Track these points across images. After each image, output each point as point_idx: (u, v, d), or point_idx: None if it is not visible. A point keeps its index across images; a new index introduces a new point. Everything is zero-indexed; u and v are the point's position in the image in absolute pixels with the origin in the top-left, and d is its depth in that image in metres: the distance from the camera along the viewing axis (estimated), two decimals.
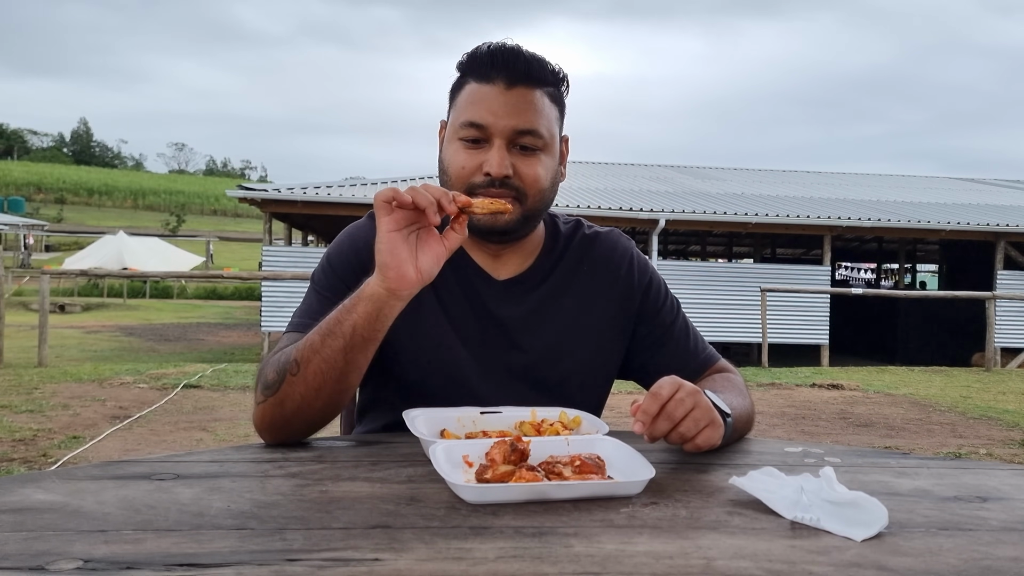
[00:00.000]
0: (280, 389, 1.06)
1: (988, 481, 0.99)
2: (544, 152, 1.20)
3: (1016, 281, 13.55)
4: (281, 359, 1.08)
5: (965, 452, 5.27)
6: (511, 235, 1.24)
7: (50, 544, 0.69)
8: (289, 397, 1.06)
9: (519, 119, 1.16)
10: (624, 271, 1.33)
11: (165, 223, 52.77)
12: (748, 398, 1.24)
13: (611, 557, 0.69)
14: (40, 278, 9.28)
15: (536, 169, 1.19)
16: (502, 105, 1.16)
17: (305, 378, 1.05)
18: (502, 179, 1.16)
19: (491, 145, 1.17)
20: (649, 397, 0.97)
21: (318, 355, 1.04)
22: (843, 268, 28.42)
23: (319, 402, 1.07)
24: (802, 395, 7.86)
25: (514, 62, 1.17)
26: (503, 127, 1.16)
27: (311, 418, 1.09)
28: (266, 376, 1.09)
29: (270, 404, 1.08)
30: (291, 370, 1.05)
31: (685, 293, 12.22)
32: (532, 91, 1.18)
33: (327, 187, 13.19)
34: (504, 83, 1.16)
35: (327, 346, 1.04)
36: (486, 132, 1.16)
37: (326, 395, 1.06)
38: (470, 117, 1.17)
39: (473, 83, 1.19)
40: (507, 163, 1.16)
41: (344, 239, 1.28)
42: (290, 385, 1.05)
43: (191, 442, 5.01)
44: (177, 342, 14.36)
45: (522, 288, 1.27)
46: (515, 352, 1.24)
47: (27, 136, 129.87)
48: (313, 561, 0.66)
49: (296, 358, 1.05)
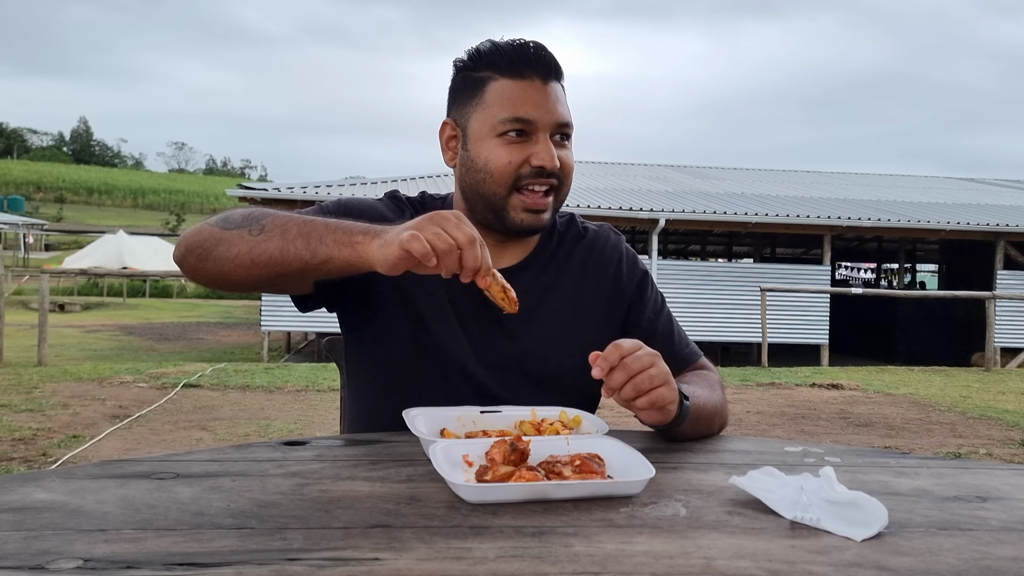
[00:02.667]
0: (232, 232, 1.06)
1: (988, 481, 0.99)
2: (570, 142, 1.27)
3: (1016, 281, 13.55)
4: (255, 214, 1.08)
5: (965, 452, 5.27)
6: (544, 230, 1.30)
7: (50, 543, 0.69)
8: (227, 246, 1.06)
9: (559, 113, 1.22)
10: (615, 265, 1.36)
11: (165, 222, 52.74)
12: (720, 394, 1.26)
13: (611, 557, 0.69)
14: (40, 277, 9.28)
15: (571, 157, 1.26)
16: (544, 100, 1.20)
17: (253, 248, 1.05)
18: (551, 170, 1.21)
19: (535, 139, 1.20)
20: (611, 347, 1.00)
21: (282, 239, 1.03)
22: (843, 268, 28.43)
23: (245, 273, 1.07)
24: (802, 395, 7.86)
25: (546, 59, 1.22)
26: (548, 121, 1.20)
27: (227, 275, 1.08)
28: (231, 215, 1.10)
29: (209, 233, 1.08)
30: (253, 230, 1.05)
31: (685, 293, 12.22)
32: (559, 84, 1.24)
33: (327, 186, 13.20)
34: (540, 79, 1.21)
35: (294, 244, 1.03)
36: (532, 126, 1.20)
37: (254, 276, 1.06)
38: (515, 113, 1.19)
39: (504, 80, 1.21)
40: (556, 154, 1.21)
41: (366, 201, 1.30)
42: (238, 237, 1.06)
43: (191, 441, 5.01)
44: (177, 341, 14.36)
45: (519, 279, 1.27)
46: (508, 340, 1.26)
47: (27, 135, 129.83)
48: (313, 561, 0.66)
49: (265, 224, 1.05)
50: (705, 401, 1.16)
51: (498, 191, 1.21)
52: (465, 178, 1.25)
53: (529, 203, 1.22)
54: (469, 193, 1.26)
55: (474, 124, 1.23)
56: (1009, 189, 20.72)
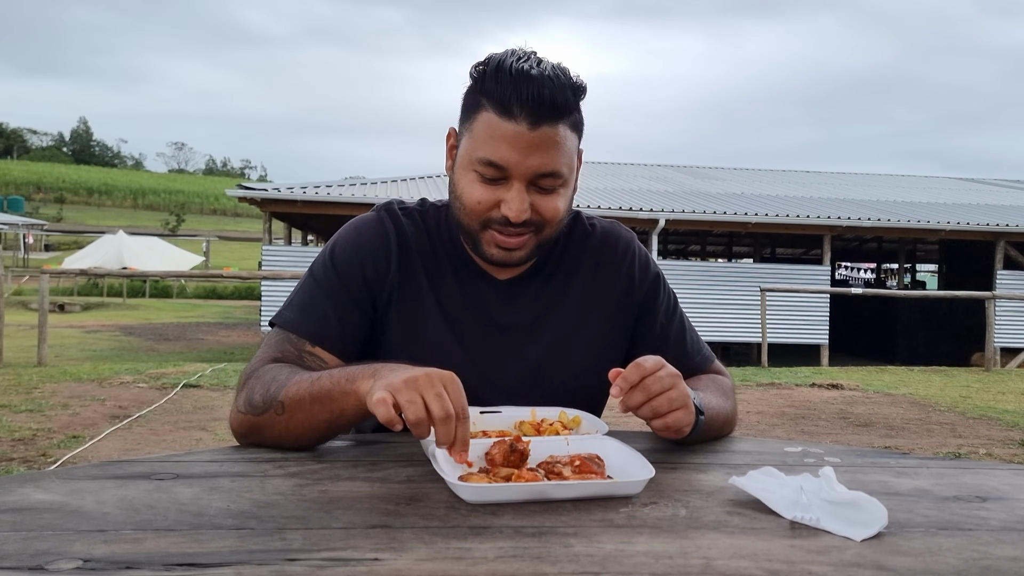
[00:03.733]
0: (263, 416, 1.05)
1: (988, 481, 0.99)
2: (563, 187, 1.16)
3: (1016, 281, 13.55)
4: (271, 389, 1.06)
5: (965, 452, 5.27)
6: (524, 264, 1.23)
7: (49, 544, 0.69)
8: (269, 429, 1.05)
9: (542, 162, 1.10)
10: (627, 266, 1.31)
11: (165, 222, 52.75)
12: (732, 402, 1.24)
13: (611, 557, 0.69)
14: (40, 277, 9.27)
15: (556, 203, 1.15)
16: (525, 146, 1.09)
17: (288, 425, 1.04)
18: (516, 222, 1.13)
19: (510, 185, 1.12)
20: (632, 367, 0.98)
21: (303, 412, 1.02)
22: (843, 268, 28.42)
23: (298, 443, 1.06)
24: (802, 395, 7.86)
25: (539, 99, 1.07)
26: (525, 170, 1.11)
27: (287, 447, 1.08)
28: (252, 394, 1.07)
29: (249, 422, 1.07)
30: (276, 410, 1.04)
31: (685, 293, 12.22)
32: (556, 128, 1.10)
33: (327, 187, 13.20)
34: (527, 123, 1.08)
35: (314, 411, 1.02)
36: (505, 173, 1.11)
37: (305, 442, 1.06)
38: (489, 156, 1.10)
39: (492, 114, 1.10)
40: (526, 206, 1.12)
41: (351, 238, 1.23)
42: (271, 421, 1.05)
43: (191, 442, 5.01)
44: (177, 341, 14.35)
45: (524, 290, 1.26)
46: (517, 358, 1.23)
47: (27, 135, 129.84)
48: (313, 561, 0.66)
49: (283, 401, 1.03)
50: (718, 412, 1.15)
51: (470, 224, 1.16)
52: (450, 195, 1.21)
53: (500, 241, 1.15)
54: (453, 210, 1.21)
55: (462, 148, 1.16)
56: (1009, 189, 20.72)
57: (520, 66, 1.09)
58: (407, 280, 1.22)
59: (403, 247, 1.23)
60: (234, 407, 1.10)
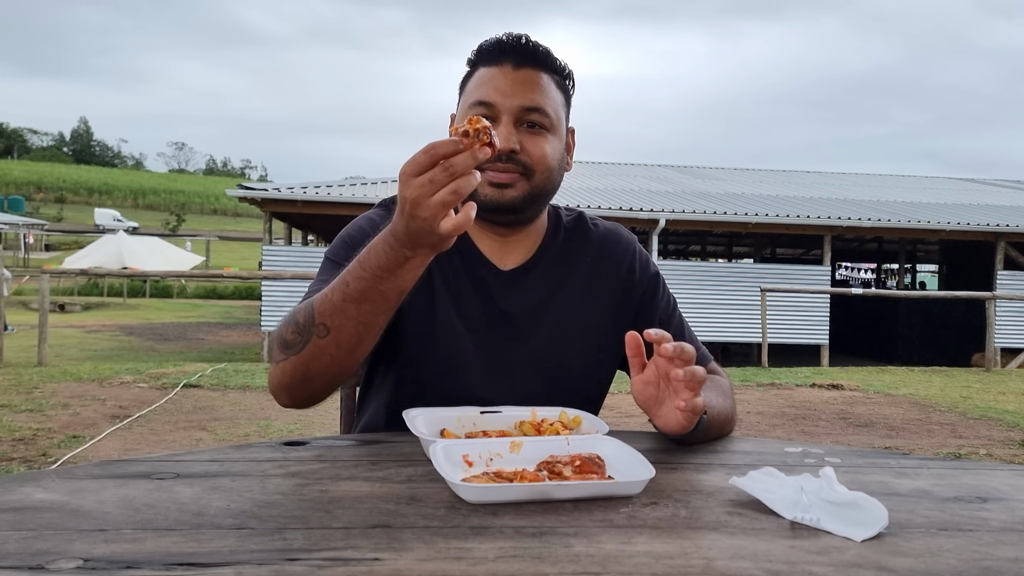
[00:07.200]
0: (306, 350, 1.04)
1: (988, 481, 0.99)
2: (551, 132, 1.23)
3: (1016, 281, 13.55)
4: (300, 321, 1.05)
5: (965, 452, 5.27)
6: (517, 213, 1.24)
7: (50, 543, 0.69)
8: (318, 360, 1.04)
9: (525, 97, 1.19)
10: (627, 265, 1.35)
11: (165, 222, 52.76)
12: (731, 401, 1.25)
13: (611, 557, 0.69)
14: (40, 277, 9.27)
15: (543, 147, 1.21)
16: (510, 84, 1.19)
17: (338, 342, 1.02)
18: (508, 153, 1.18)
19: (499, 123, 1.19)
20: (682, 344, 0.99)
21: (348, 319, 1.01)
22: (843, 268, 28.42)
23: (352, 356, 1.05)
24: (802, 395, 7.86)
25: (525, 46, 1.21)
26: (510, 104, 1.19)
27: (335, 375, 1.08)
28: (284, 337, 1.07)
29: (293, 365, 1.06)
30: (319, 333, 1.03)
31: (685, 293, 12.22)
32: (539, 73, 1.21)
33: (327, 187, 13.19)
34: (512, 64, 1.20)
35: (362, 312, 1.00)
36: (494, 110, 1.19)
37: (361, 351, 1.05)
38: (478, 96, 1.20)
39: (482, 69, 1.22)
40: (514, 138, 1.19)
41: (365, 223, 1.28)
42: (318, 349, 1.03)
43: (191, 441, 5.01)
44: (177, 341, 14.35)
45: (527, 278, 1.29)
46: (519, 344, 1.26)
47: (27, 135, 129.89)
48: (313, 561, 0.66)
49: (323, 323, 1.02)
50: (719, 412, 1.16)
51: None
52: None
53: (491, 177, 1.19)
54: None
55: (458, 113, 1.26)
56: (1009, 189, 20.72)
57: (509, 32, 1.23)
58: None
59: None
60: (272, 366, 1.10)
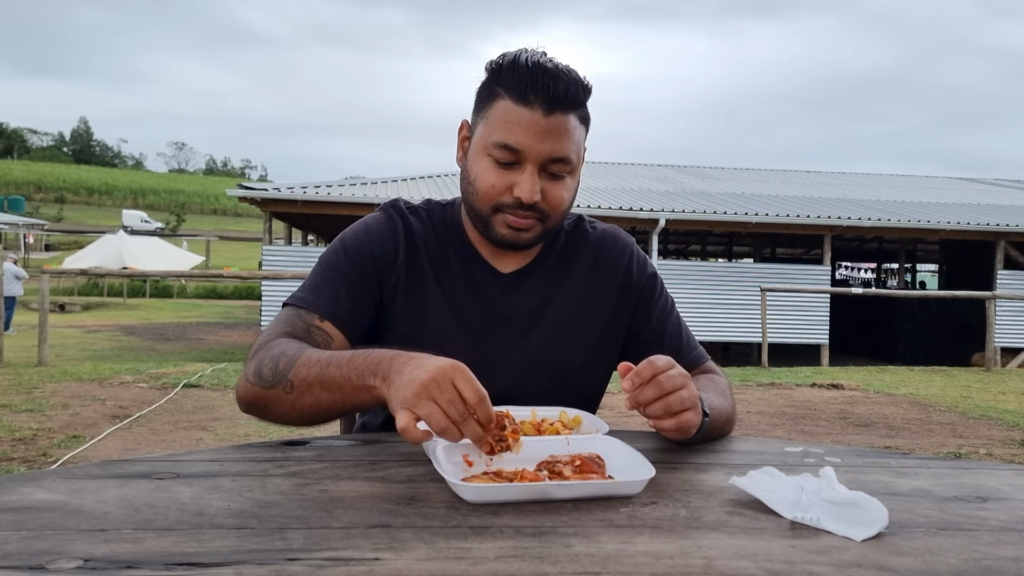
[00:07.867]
0: (271, 391, 1.08)
1: (988, 481, 0.99)
2: (570, 176, 1.22)
3: (1016, 281, 13.55)
4: (280, 365, 1.08)
5: (965, 452, 5.27)
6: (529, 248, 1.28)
7: (50, 543, 0.69)
8: (275, 405, 1.09)
9: (554, 147, 1.17)
10: (624, 267, 1.36)
11: (165, 222, 52.77)
12: (730, 400, 1.26)
13: (611, 557, 0.69)
14: (40, 277, 9.27)
15: (562, 193, 1.21)
16: (539, 131, 1.15)
17: (295, 405, 1.07)
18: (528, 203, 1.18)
19: (523, 169, 1.17)
20: (645, 363, 0.99)
21: (311, 394, 1.05)
22: (843, 268, 28.43)
23: (302, 421, 1.11)
24: (802, 395, 7.86)
25: (554, 87, 1.15)
26: (538, 154, 1.16)
27: (289, 423, 1.13)
28: (262, 367, 1.09)
29: (256, 393, 1.09)
30: (285, 388, 1.06)
31: (685, 293, 12.23)
32: (567, 117, 1.17)
33: (327, 187, 13.19)
34: (542, 109, 1.15)
35: (323, 397, 1.05)
36: (519, 156, 1.17)
37: (309, 422, 1.11)
38: (505, 139, 1.16)
39: (508, 101, 1.16)
40: (538, 189, 1.18)
41: (361, 229, 1.29)
42: (278, 397, 1.07)
43: (191, 441, 5.01)
44: (177, 341, 14.35)
45: (527, 281, 1.31)
46: (518, 344, 1.27)
47: (27, 135, 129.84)
48: (313, 561, 0.66)
49: (293, 381, 1.06)
50: (720, 412, 1.16)
51: (482, 208, 1.21)
52: (462, 183, 1.26)
53: (511, 221, 1.20)
54: (464, 197, 1.27)
55: (476, 135, 1.22)
56: (1009, 189, 20.72)
57: (535, 59, 1.17)
58: (413, 271, 1.27)
59: (410, 241, 1.29)
60: (243, 376, 1.12)
